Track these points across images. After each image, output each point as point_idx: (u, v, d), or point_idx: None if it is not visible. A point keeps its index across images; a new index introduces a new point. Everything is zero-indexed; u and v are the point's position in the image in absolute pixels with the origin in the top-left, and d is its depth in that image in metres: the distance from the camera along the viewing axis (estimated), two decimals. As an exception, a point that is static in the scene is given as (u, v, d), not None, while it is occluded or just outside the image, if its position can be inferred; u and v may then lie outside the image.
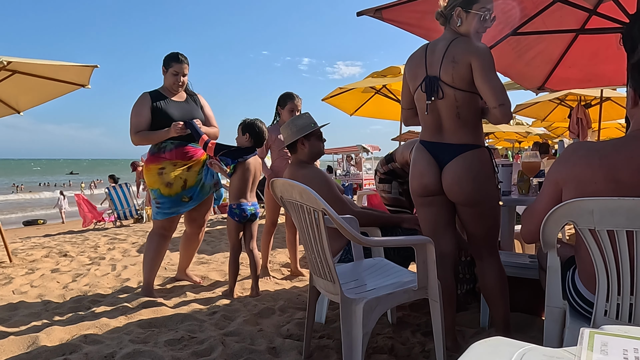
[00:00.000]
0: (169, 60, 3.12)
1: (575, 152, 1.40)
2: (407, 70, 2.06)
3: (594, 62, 3.86)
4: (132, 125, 3.03)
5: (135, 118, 3.03)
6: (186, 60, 3.15)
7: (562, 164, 1.43)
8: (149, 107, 3.04)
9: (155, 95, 3.11)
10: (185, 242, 3.48)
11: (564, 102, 8.30)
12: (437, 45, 1.95)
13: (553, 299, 1.52)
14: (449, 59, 1.86)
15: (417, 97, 2.02)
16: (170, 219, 3.16)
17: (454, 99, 1.88)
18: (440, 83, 1.90)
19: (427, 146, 2.00)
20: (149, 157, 3.14)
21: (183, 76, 3.14)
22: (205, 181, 3.24)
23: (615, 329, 0.56)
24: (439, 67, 1.90)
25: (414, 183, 2.04)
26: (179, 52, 3.13)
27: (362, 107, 7.71)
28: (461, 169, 1.89)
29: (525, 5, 3.08)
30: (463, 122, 1.90)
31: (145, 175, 3.18)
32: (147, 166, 3.13)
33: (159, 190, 3.08)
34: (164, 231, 3.19)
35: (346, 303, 1.68)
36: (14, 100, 5.02)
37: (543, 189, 1.53)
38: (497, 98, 1.78)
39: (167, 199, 3.09)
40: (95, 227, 8.83)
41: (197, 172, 3.16)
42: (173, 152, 3.07)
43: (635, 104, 1.37)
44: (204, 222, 3.43)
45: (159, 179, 3.06)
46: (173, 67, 3.10)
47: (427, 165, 1.97)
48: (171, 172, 3.07)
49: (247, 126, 3.12)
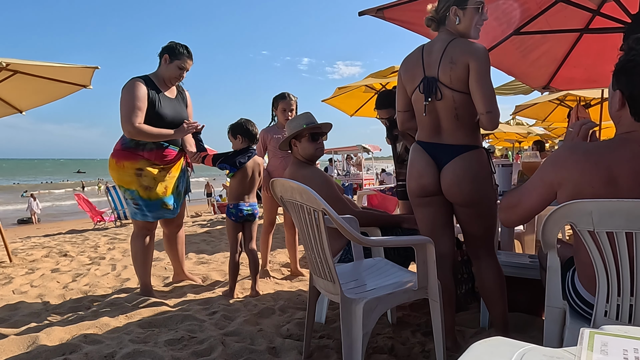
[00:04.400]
0: (178, 53, 2.88)
1: (572, 156, 1.38)
2: (403, 72, 2.05)
3: (598, 63, 3.86)
4: (128, 114, 2.69)
5: (130, 106, 2.70)
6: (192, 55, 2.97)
7: (558, 167, 1.42)
8: (146, 96, 2.76)
9: (150, 84, 2.82)
10: (168, 244, 3.34)
11: (563, 102, 8.31)
12: (434, 46, 1.95)
13: (553, 299, 1.52)
14: (447, 59, 1.86)
15: (415, 99, 2.01)
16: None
17: (452, 100, 1.88)
18: (438, 84, 1.90)
19: (424, 147, 2.00)
20: (121, 151, 2.84)
21: (186, 71, 2.96)
22: (181, 187, 3.13)
23: (615, 329, 0.56)
24: (437, 68, 1.89)
25: (412, 183, 2.04)
26: (188, 47, 2.92)
27: (362, 107, 7.72)
28: (460, 170, 1.90)
29: (528, 6, 3.08)
30: (461, 123, 1.91)
31: (116, 171, 2.86)
32: (120, 162, 2.83)
33: (137, 192, 2.87)
34: (147, 231, 3.02)
35: (346, 303, 1.68)
36: (15, 100, 5.02)
37: (535, 185, 1.50)
38: (486, 105, 1.80)
39: (146, 202, 2.90)
40: (96, 227, 8.83)
41: (174, 178, 3.01)
42: (153, 153, 2.85)
43: (622, 105, 1.37)
44: (181, 222, 3.34)
45: (136, 180, 2.84)
46: (181, 61, 2.88)
47: (425, 166, 1.97)
48: (150, 176, 2.86)
49: (235, 128, 3.09)
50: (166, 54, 2.89)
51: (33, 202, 15.78)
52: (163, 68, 2.91)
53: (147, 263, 3.08)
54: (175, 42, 2.94)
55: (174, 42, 2.94)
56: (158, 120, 2.82)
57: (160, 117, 2.83)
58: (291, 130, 2.56)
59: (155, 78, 2.91)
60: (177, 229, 3.33)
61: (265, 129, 3.63)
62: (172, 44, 2.93)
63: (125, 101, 2.73)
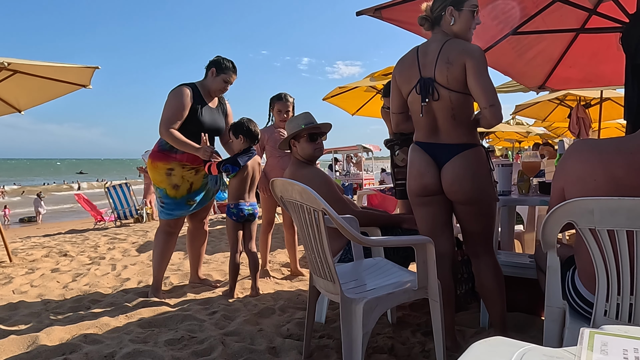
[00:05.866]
0: (225, 67, 3.06)
1: (577, 149, 1.41)
2: (398, 74, 2.06)
3: (594, 63, 3.87)
4: (169, 119, 2.93)
5: (172, 112, 2.93)
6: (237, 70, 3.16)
7: (565, 163, 1.44)
8: (189, 106, 2.97)
9: (196, 95, 3.03)
10: (190, 239, 3.45)
11: (564, 102, 8.30)
12: (429, 47, 1.95)
13: (553, 299, 1.52)
14: (444, 60, 1.87)
15: (412, 100, 2.02)
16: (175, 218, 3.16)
17: (449, 100, 1.89)
18: (435, 84, 1.90)
19: (423, 147, 2.01)
20: (157, 153, 3.06)
21: (230, 85, 3.14)
22: (210, 186, 3.25)
23: (615, 328, 0.56)
24: (434, 69, 1.90)
25: (412, 183, 2.04)
26: (233, 62, 3.11)
27: (363, 107, 7.71)
28: (460, 168, 1.91)
29: (525, 5, 3.08)
30: (458, 123, 1.92)
31: (150, 171, 3.11)
32: (155, 162, 3.06)
33: (165, 190, 3.06)
34: (170, 228, 3.18)
35: (346, 303, 1.68)
36: (14, 99, 5.02)
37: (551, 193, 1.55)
38: (487, 99, 1.81)
39: (172, 200, 3.07)
40: (96, 227, 8.83)
41: (203, 176, 3.15)
42: (185, 155, 3.03)
43: None
44: (206, 214, 3.43)
45: (166, 179, 3.04)
46: (227, 75, 3.06)
47: (426, 166, 1.98)
48: (179, 174, 3.04)
49: (237, 128, 3.09)
50: (213, 67, 3.08)
51: (40, 201, 15.85)
52: (210, 80, 3.09)
53: (163, 260, 3.18)
54: (222, 57, 3.12)
55: (220, 57, 3.12)
56: (196, 125, 3.02)
57: (198, 124, 3.03)
58: (290, 130, 2.56)
59: (202, 87, 3.10)
60: (201, 223, 3.41)
61: (263, 129, 3.63)
62: (219, 58, 3.11)
63: (169, 106, 2.96)
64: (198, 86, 3.08)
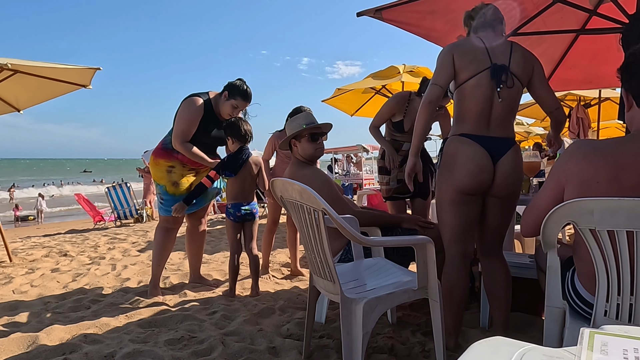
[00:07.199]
0: (237, 93, 3.03)
1: (579, 150, 1.39)
2: (459, 57, 1.92)
3: (594, 64, 3.86)
4: (181, 132, 2.99)
5: (186, 125, 2.99)
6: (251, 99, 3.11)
7: (566, 162, 1.43)
8: (200, 119, 3.02)
9: (208, 111, 3.05)
10: (189, 238, 3.47)
11: (563, 102, 8.31)
12: (494, 40, 1.95)
13: (553, 299, 1.52)
14: (518, 54, 1.93)
15: (475, 83, 1.90)
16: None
17: (517, 92, 1.94)
18: (510, 73, 1.91)
19: (477, 140, 1.91)
20: (160, 150, 3.11)
21: (240, 111, 3.13)
22: (210, 189, 3.24)
23: (615, 329, 0.56)
24: (509, 58, 1.91)
25: (467, 180, 1.90)
26: (248, 89, 3.06)
27: (362, 107, 7.71)
28: (516, 162, 1.94)
29: (525, 6, 3.08)
30: (513, 117, 1.98)
31: (152, 167, 3.15)
32: (157, 159, 3.10)
33: (165, 187, 3.09)
34: (169, 225, 3.19)
35: (346, 303, 1.68)
36: (14, 98, 5.02)
37: (545, 185, 1.53)
38: (556, 101, 1.99)
39: (171, 197, 3.09)
40: (96, 227, 8.83)
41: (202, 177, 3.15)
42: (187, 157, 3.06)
43: (631, 106, 1.37)
44: (204, 213, 3.45)
45: (166, 176, 3.07)
46: (237, 101, 3.04)
47: (486, 161, 1.90)
48: (180, 172, 3.08)
49: (225, 129, 3.10)
50: (227, 90, 3.07)
51: (41, 200, 15.93)
52: (221, 101, 3.09)
53: (162, 256, 3.21)
54: (240, 83, 3.06)
55: (238, 81, 3.06)
56: (202, 134, 3.07)
57: (205, 134, 3.09)
58: (291, 130, 2.56)
59: (215, 103, 3.11)
60: (199, 222, 3.44)
61: (276, 133, 3.66)
62: (236, 82, 3.06)
63: (181, 119, 3.01)
64: (212, 100, 3.09)
